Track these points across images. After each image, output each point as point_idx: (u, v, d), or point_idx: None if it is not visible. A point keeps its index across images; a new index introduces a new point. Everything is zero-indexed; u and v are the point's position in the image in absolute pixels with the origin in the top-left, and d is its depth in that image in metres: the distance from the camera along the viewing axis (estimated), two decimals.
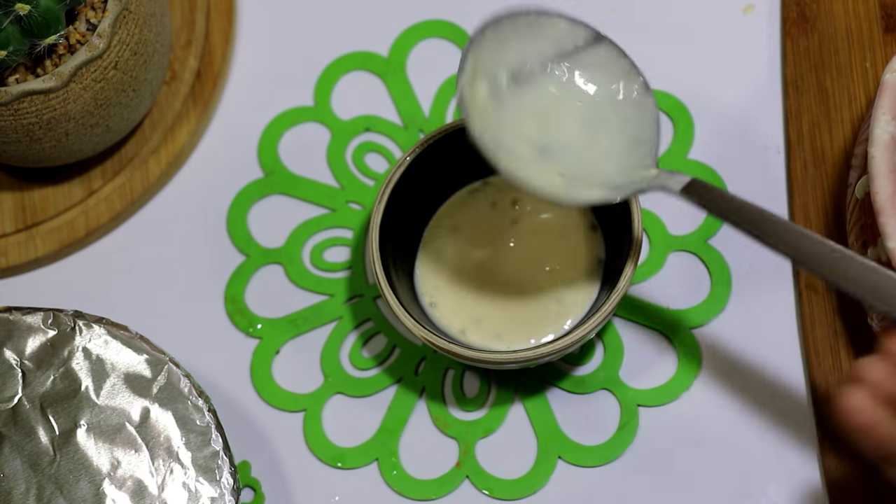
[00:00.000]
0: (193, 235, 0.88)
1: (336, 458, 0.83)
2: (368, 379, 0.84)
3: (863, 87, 0.84)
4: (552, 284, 0.81)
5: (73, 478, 0.78)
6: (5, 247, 0.87)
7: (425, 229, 0.83)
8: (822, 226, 0.82)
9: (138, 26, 0.81)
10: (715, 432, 0.81)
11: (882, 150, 0.72)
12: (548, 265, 0.81)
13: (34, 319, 0.80)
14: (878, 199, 0.71)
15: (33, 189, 0.88)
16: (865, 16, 0.85)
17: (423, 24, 0.90)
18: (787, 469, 0.80)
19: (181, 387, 0.79)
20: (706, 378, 0.82)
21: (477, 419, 0.83)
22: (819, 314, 0.81)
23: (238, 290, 0.86)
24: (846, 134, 0.84)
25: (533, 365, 0.78)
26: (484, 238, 0.82)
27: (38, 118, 0.80)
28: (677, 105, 0.87)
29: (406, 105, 0.89)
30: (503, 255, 0.82)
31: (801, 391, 0.81)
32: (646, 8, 0.89)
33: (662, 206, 0.85)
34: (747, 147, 0.86)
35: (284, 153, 0.89)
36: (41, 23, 0.78)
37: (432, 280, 0.82)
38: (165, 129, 0.88)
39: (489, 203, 0.83)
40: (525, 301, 0.80)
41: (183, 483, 0.77)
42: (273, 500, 0.82)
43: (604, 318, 0.76)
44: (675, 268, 0.84)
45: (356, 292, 0.86)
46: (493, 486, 0.81)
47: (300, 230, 0.87)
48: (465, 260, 0.82)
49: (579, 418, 0.82)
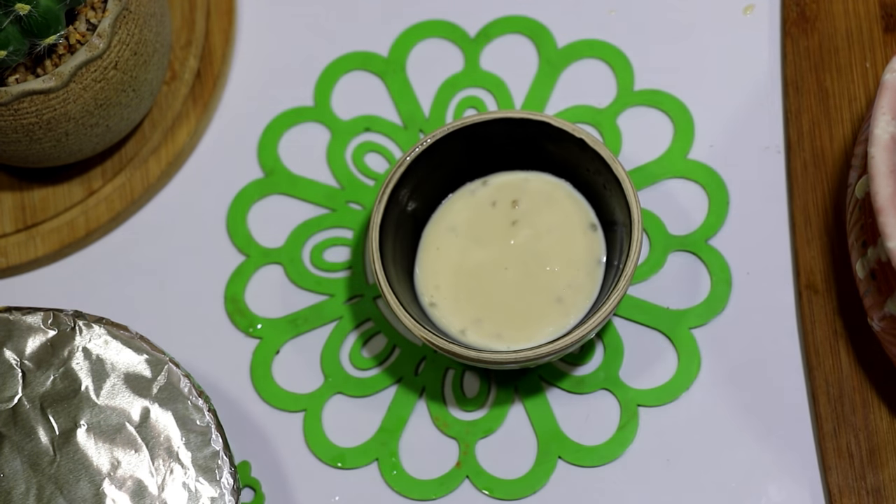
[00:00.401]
0: (193, 235, 0.88)
1: (336, 458, 0.83)
2: (368, 379, 0.84)
3: (863, 87, 0.84)
4: (552, 284, 0.81)
5: (73, 478, 0.78)
6: (5, 247, 0.87)
7: (425, 229, 0.83)
8: (821, 226, 0.82)
9: (138, 26, 0.81)
10: (715, 432, 0.81)
11: (882, 150, 0.72)
12: (548, 265, 0.81)
13: (34, 319, 0.80)
14: (878, 199, 0.71)
15: (33, 189, 0.88)
16: (865, 15, 0.85)
17: (423, 23, 0.90)
18: (787, 469, 0.80)
19: (181, 387, 0.79)
20: (706, 378, 0.82)
21: (477, 419, 0.83)
22: (819, 314, 0.81)
23: (238, 290, 0.86)
24: (846, 134, 0.84)
25: (533, 365, 0.78)
26: (484, 238, 0.82)
27: (38, 118, 0.80)
28: (677, 105, 0.87)
29: (406, 105, 0.89)
30: (503, 255, 0.82)
31: (801, 391, 0.81)
32: (646, 8, 0.89)
33: (662, 206, 0.85)
34: (747, 147, 0.86)
35: (284, 153, 0.89)
36: (41, 23, 0.78)
37: (432, 280, 0.82)
38: (165, 129, 0.88)
39: (489, 203, 0.83)
40: (525, 301, 0.80)
41: (183, 483, 0.77)
42: (273, 500, 0.82)
43: (604, 318, 0.76)
44: (675, 268, 0.84)
45: (356, 292, 0.86)
46: (493, 486, 0.81)
47: (300, 230, 0.87)
48: (465, 260, 0.82)
49: (579, 418, 0.82)
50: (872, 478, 0.78)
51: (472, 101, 0.88)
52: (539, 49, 0.89)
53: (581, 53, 0.89)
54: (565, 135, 0.80)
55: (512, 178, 0.83)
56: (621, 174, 0.78)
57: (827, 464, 0.79)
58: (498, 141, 0.82)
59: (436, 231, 0.83)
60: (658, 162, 0.86)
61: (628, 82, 0.88)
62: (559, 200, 0.82)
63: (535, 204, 0.82)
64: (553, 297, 0.80)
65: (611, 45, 0.88)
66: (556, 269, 0.81)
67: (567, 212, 0.82)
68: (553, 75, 0.88)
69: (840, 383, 0.80)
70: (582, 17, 0.89)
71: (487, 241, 0.82)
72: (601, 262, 0.81)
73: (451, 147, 0.81)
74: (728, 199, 0.85)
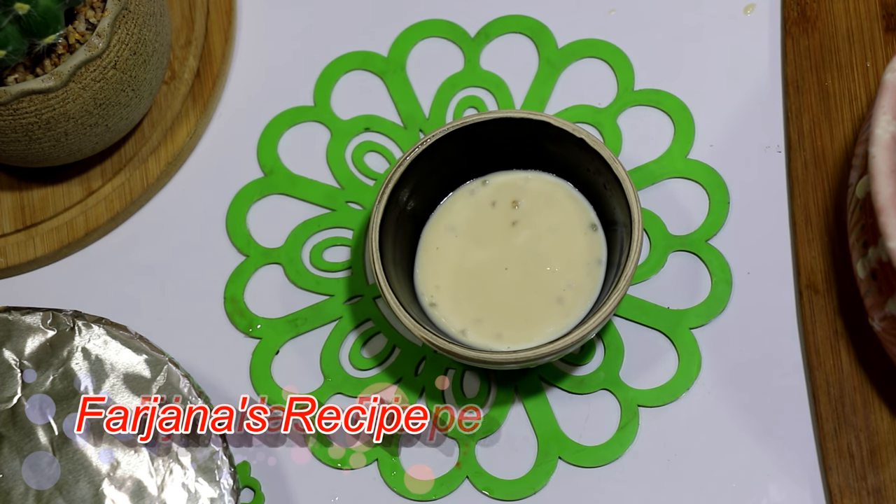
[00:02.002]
0: (193, 235, 0.88)
1: (336, 458, 0.83)
2: (368, 379, 0.84)
3: (863, 87, 0.84)
4: (552, 284, 0.81)
5: (72, 478, 0.77)
6: (5, 247, 0.87)
7: (424, 229, 0.83)
8: (822, 226, 0.82)
9: (137, 26, 0.81)
10: (715, 432, 0.81)
11: (883, 149, 0.72)
12: (548, 265, 0.81)
13: (33, 319, 0.80)
14: (878, 199, 0.71)
15: (32, 189, 0.88)
16: (866, 15, 0.85)
17: (423, 23, 0.90)
18: (787, 469, 0.80)
19: (181, 387, 0.79)
20: (706, 378, 0.82)
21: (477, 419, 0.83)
22: (819, 314, 0.81)
23: (238, 290, 0.86)
24: (847, 133, 0.84)
25: (533, 365, 0.78)
26: (484, 238, 0.82)
27: (37, 118, 0.80)
28: (678, 105, 0.87)
29: (406, 105, 0.89)
30: (503, 256, 0.82)
31: (801, 391, 0.81)
32: (646, 8, 0.89)
33: (663, 206, 0.85)
34: (748, 147, 0.86)
35: (284, 153, 0.89)
36: (40, 22, 0.78)
37: (432, 280, 0.82)
38: (165, 129, 0.88)
39: (489, 203, 0.83)
40: (525, 301, 0.80)
41: (182, 483, 0.77)
42: (273, 500, 0.82)
43: (604, 318, 0.76)
44: (675, 268, 0.84)
45: (356, 292, 0.86)
46: (493, 487, 0.81)
47: (300, 230, 0.87)
48: (465, 260, 0.82)
49: (579, 418, 0.82)
50: (873, 478, 0.78)
51: (472, 101, 0.88)
52: (539, 49, 0.89)
53: (581, 53, 0.88)
54: (565, 135, 0.80)
55: (512, 178, 0.83)
56: (621, 174, 0.78)
57: (827, 464, 0.79)
58: (498, 141, 0.81)
59: (436, 231, 0.83)
60: (658, 162, 0.86)
61: (628, 82, 0.88)
62: (559, 200, 0.82)
63: (536, 204, 0.82)
64: (553, 297, 0.80)
65: (611, 45, 0.88)
66: (556, 270, 0.81)
67: (567, 212, 0.82)
68: (553, 75, 0.88)
69: (841, 383, 0.79)
70: (582, 17, 0.89)
71: (487, 241, 0.82)
72: (601, 262, 0.81)
73: (450, 147, 0.81)
74: (728, 199, 0.85)
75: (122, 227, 0.88)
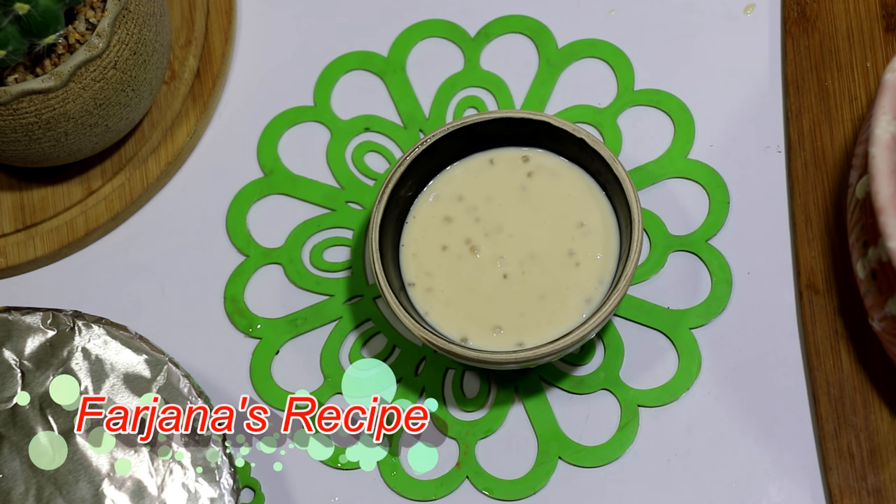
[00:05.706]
0: (193, 235, 0.88)
1: (336, 458, 0.83)
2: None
3: (863, 87, 0.84)
4: (552, 284, 0.81)
5: (72, 478, 0.77)
6: (5, 247, 0.87)
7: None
8: (822, 226, 0.82)
9: (137, 26, 0.81)
10: (715, 432, 0.81)
11: (883, 149, 0.72)
12: (548, 265, 0.81)
13: (33, 319, 0.80)
14: (878, 199, 0.71)
15: (32, 189, 0.88)
16: (866, 15, 0.85)
17: (423, 23, 0.90)
18: (787, 469, 0.80)
19: (181, 387, 0.79)
20: (706, 378, 0.82)
21: (477, 419, 0.83)
22: (819, 314, 0.81)
23: (238, 290, 0.86)
24: (847, 134, 0.84)
25: (533, 365, 0.78)
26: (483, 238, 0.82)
27: (37, 118, 0.80)
28: (677, 105, 0.87)
29: (406, 105, 0.89)
30: (503, 255, 0.81)
31: (801, 391, 0.81)
32: (646, 8, 0.89)
33: (663, 206, 0.85)
34: (748, 147, 0.86)
35: (284, 153, 0.89)
36: (40, 22, 0.78)
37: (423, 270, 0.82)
38: (165, 129, 0.88)
39: (498, 170, 0.83)
40: (525, 301, 0.80)
41: (182, 483, 0.77)
42: (273, 501, 0.82)
43: (604, 318, 0.76)
44: (675, 268, 0.84)
45: (356, 292, 0.86)
46: (493, 487, 0.81)
47: (300, 230, 0.87)
48: (464, 260, 0.82)
49: (579, 418, 0.82)
50: (873, 478, 0.78)
51: (472, 101, 0.88)
52: (539, 49, 0.89)
53: (581, 53, 0.88)
54: (565, 135, 0.80)
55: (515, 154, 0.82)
56: (621, 174, 0.78)
57: (828, 464, 0.79)
58: (498, 141, 0.81)
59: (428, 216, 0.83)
60: (658, 162, 0.86)
61: (628, 82, 0.88)
62: (567, 174, 0.82)
63: (535, 204, 0.82)
64: (553, 297, 0.80)
65: (611, 45, 0.88)
66: (555, 269, 0.81)
67: (566, 212, 0.82)
68: (553, 75, 0.88)
69: (841, 383, 0.79)
70: (582, 17, 0.89)
71: (487, 241, 0.82)
72: (601, 262, 0.81)
73: (451, 147, 0.81)
74: (728, 199, 0.85)
75: (122, 227, 0.88)
